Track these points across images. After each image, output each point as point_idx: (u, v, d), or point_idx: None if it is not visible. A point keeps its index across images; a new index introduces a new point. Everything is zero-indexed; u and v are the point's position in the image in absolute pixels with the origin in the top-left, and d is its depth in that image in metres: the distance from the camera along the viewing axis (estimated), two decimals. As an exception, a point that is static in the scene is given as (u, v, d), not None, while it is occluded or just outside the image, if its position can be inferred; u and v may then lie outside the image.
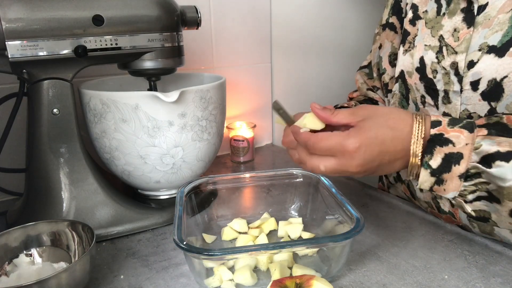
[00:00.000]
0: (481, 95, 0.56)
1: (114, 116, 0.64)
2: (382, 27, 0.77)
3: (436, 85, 0.62)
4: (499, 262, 0.56)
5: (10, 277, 0.53)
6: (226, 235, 0.65)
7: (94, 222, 0.65)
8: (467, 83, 0.57)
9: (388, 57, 0.76)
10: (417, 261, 0.58)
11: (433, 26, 0.63)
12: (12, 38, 0.57)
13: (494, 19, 0.54)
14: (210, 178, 0.68)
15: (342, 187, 0.83)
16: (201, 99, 0.67)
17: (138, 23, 0.63)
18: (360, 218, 0.52)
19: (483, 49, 0.55)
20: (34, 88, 0.63)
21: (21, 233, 0.56)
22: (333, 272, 0.54)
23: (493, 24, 0.55)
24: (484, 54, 0.55)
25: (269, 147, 1.15)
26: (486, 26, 0.55)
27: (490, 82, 0.54)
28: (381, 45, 0.78)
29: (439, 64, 0.61)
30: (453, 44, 0.59)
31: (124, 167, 0.69)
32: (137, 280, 0.56)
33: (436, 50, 0.61)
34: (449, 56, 0.59)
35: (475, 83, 0.56)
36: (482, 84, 0.56)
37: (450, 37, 0.59)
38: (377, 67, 0.80)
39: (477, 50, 0.56)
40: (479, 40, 0.56)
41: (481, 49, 0.56)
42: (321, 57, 1.21)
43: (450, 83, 0.60)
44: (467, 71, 0.57)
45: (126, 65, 0.68)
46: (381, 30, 0.78)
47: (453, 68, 0.59)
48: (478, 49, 0.56)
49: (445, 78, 0.60)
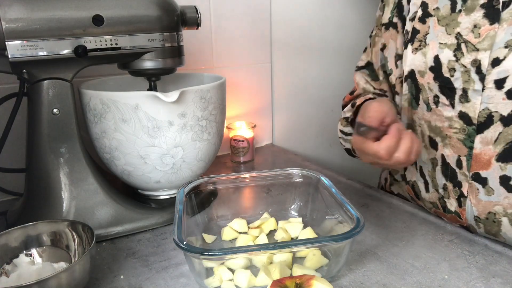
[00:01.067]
0: (506, 93, 0.55)
1: (114, 116, 0.64)
2: (385, 27, 0.75)
3: (454, 83, 0.60)
4: (499, 262, 0.56)
5: (10, 277, 0.53)
6: (226, 235, 0.65)
7: (94, 222, 0.65)
8: (491, 81, 0.56)
9: (394, 58, 0.74)
10: (417, 261, 0.58)
11: (448, 23, 0.61)
12: (12, 38, 0.57)
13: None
14: (210, 178, 0.68)
15: (342, 187, 0.83)
16: (201, 99, 0.67)
17: (138, 23, 0.63)
18: (360, 218, 0.52)
19: (510, 46, 0.54)
20: (34, 88, 0.63)
21: (21, 233, 0.56)
22: (333, 272, 0.54)
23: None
24: (511, 52, 0.54)
25: (269, 147, 1.15)
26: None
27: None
28: (385, 45, 0.75)
29: (458, 62, 0.59)
30: (473, 41, 0.57)
31: (124, 167, 0.69)
32: (137, 280, 0.56)
33: (453, 48, 0.60)
34: (469, 53, 0.58)
35: (500, 81, 0.55)
36: (508, 82, 0.54)
37: (470, 34, 0.58)
38: (382, 70, 0.78)
39: (503, 47, 0.55)
40: (505, 37, 0.54)
41: (508, 46, 0.54)
42: (321, 57, 1.21)
43: (470, 81, 0.58)
44: (491, 69, 0.55)
45: (126, 65, 0.68)
46: (383, 30, 0.75)
47: (474, 66, 0.57)
48: (504, 46, 0.54)
49: (464, 76, 0.59)
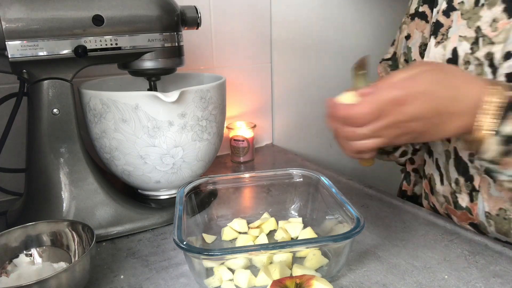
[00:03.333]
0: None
1: (114, 116, 0.64)
2: (411, 17, 0.73)
3: None
4: (499, 262, 0.56)
5: (10, 277, 0.53)
6: (226, 235, 0.65)
7: (94, 222, 0.65)
8: (502, 74, 0.55)
9: (418, 48, 0.72)
10: (417, 261, 0.58)
11: (470, 17, 0.60)
12: (12, 38, 0.57)
13: None
14: (210, 178, 0.68)
15: (342, 187, 0.83)
16: (201, 99, 0.67)
17: (138, 23, 0.63)
18: (360, 218, 0.52)
19: None
20: (34, 88, 0.63)
21: (21, 233, 0.56)
22: (333, 272, 0.54)
23: None
24: None
25: (269, 147, 1.15)
26: None
27: None
28: (410, 35, 0.74)
29: (473, 55, 0.59)
30: (490, 35, 0.57)
31: (124, 167, 0.69)
32: (137, 280, 0.56)
33: (471, 41, 0.59)
34: (484, 46, 0.57)
35: (511, 74, 0.54)
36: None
37: (488, 28, 0.57)
38: (404, 58, 0.76)
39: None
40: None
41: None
42: (321, 57, 1.21)
43: (482, 74, 0.58)
44: (503, 62, 0.55)
45: (126, 65, 0.68)
46: (409, 20, 0.74)
47: (487, 59, 0.57)
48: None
49: (477, 69, 0.58)
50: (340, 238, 0.50)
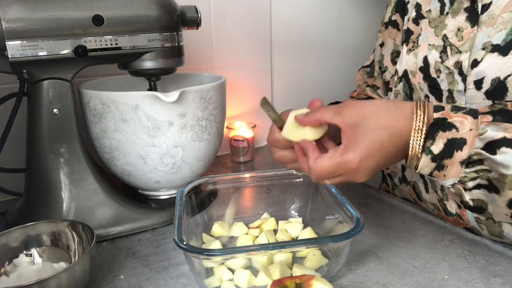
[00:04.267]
0: (485, 94, 0.56)
1: (114, 116, 0.64)
2: (385, 25, 0.77)
3: (440, 84, 0.62)
4: (499, 262, 0.56)
5: (10, 277, 0.53)
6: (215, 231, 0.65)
7: (94, 222, 0.65)
8: (471, 82, 0.57)
9: (390, 55, 0.75)
10: (417, 261, 0.58)
11: (436, 25, 0.62)
12: (12, 38, 0.57)
13: (498, 17, 0.54)
14: (210, 178, 0.68)
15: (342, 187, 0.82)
16: (201, 99, 0.67)
17: (138, 23, 0.63)
18: (360, 218, 0.52)
19: (487, 48, 0.55)
20: (34, 88, 0.63)
21: (21, 233, 0.56)
22: (333, 272, 0.54)
23: (496, 23, 0.54)
24: (487, 53, 0.55)
25: (269, 147, 1.15)
26: (490, 25, 0.55)
27: (493, 81, 0.54)
28: (383, 43, 0.78)
29: (443, 63, 0.61)
30: (457, 44, 0.59)
31: (124, 167, 0.69)
32: (137, 280, 0.56)
33: (440, 50, 0.61)
34: (453, 55, 0.59)
35: (478, 82, 0.56)
36: (485, 83, 0.55)
37: (454, 37, 0.59)
38: (378, 65, 0.80)
39: (480, 49, 0.56)
40: (482, 39, 0.56)
41: (485, 48, 0.55)
42: (321, 57, 1.21)
43: (454, 82, 0.60)
44: (471, 70, 0.57)
45: (126, 65, 0.68)
46: (384, 28, 0.77)
47: (457, 68, 0.59)
48: (481, 48, 0.56)
49: (449, 77, 0.60)
50: (340, 238, 0.50)
